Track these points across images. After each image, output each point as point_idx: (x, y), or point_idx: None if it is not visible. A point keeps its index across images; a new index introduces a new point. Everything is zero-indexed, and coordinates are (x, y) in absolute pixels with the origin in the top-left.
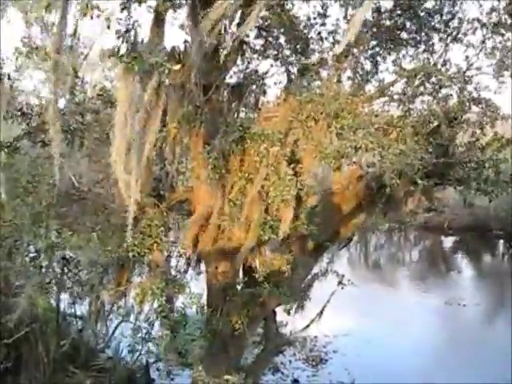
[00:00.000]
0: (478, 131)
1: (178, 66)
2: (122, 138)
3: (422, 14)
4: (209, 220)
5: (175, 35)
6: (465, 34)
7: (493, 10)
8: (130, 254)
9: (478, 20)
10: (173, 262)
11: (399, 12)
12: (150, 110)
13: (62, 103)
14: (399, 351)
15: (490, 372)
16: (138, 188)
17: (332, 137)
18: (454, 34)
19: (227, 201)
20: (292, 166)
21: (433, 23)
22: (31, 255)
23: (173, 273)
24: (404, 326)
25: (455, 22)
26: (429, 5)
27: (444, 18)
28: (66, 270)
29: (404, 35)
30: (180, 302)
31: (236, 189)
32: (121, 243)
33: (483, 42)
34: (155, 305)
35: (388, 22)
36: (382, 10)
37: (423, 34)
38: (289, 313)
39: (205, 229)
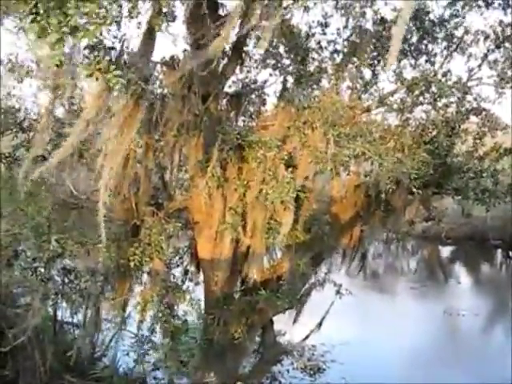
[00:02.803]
0: (477, 141)
1: (149, 87)
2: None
3: (426, 24)
4: (208, 228)
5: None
6: (468, 45)
7: (500, 22)
8: (132, 264)
9: (482, 32)
10: (172, 271)
11: None
12: (127, 119)
13: (60, 112)
14: (397, 361)
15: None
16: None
17: (329, 144)
18: (457, 44)
19: (228, 209)
20: (290, 169)
21: (436, 34)
22: (32, 265)
23: (172, 281)
24: (403, 336)
25: (459, 33)
26: (432, 16)
27: (448, 28)
28: (66, 280)
29: (405, 45)
30: (181, 309)
31: (236, 196)
32: (120, 252)
33: (486, 54)
34: (156, 313)
35: (389, 33)
36: (382, 20)
37: (424, 44)
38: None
39: (204, 237)
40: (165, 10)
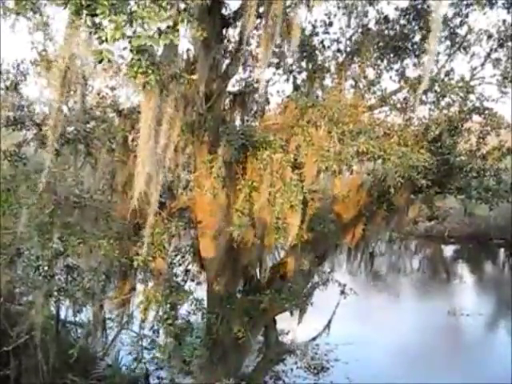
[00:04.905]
0: (480, 140)
1: (195, 76)
2: (148, 151)
3: (429, 23)
4: (212, 228)
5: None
6: (471, 44)
7: (504, 21)
8: (135, 263)
9: (486, 31)
10: (174, 270)
11: (404, 22)
12: (171, 121)
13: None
14: (400, 361)
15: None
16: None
17: (333, 141)
18: (460, 43)
19: (234, 210)
20: (296, 171)
21: (439, 33)
22: (34, 264)
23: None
24: (406, 337)
25: (462, 32)
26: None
27: (451, 27)
28: (69, 278)
29: (408, 44)
30: (184, 309)
31: (241, 197)
32: (123, 251)
33: (489, 53)
34: (160, 312)
35: (392, 32)
36: (386, 19)
37: (427, 43)
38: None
39: (207, 236)
40: (182, 6)
